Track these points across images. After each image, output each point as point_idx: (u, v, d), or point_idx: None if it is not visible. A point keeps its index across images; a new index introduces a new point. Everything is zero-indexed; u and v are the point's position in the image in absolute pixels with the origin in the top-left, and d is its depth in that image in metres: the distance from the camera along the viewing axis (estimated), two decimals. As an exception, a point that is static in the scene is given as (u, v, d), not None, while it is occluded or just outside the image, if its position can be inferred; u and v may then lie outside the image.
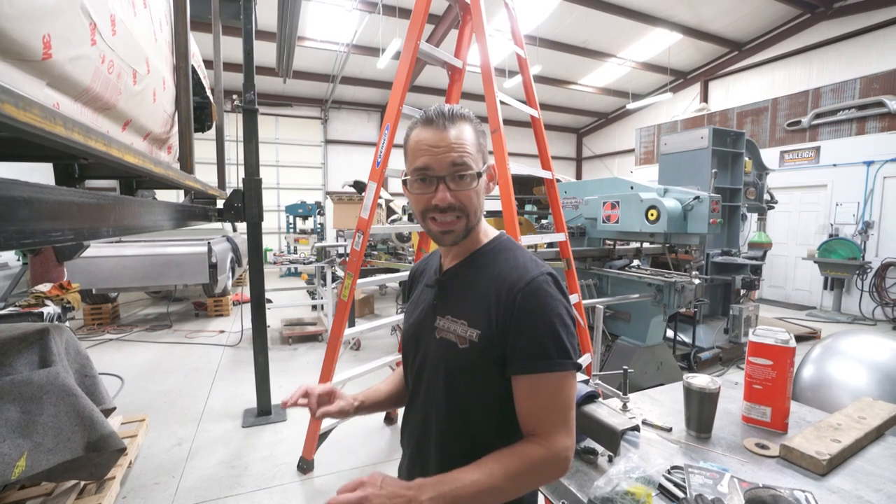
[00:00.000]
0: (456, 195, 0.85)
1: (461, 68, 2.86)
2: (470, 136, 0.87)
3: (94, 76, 1.13)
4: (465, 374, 0.87)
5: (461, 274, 0.94)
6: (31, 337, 2.07)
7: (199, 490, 2.66)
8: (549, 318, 0.81)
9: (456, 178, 0.85)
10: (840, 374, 2.04)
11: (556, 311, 0.82)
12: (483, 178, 0.89)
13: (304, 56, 10.28)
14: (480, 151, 0.89)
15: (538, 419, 0.81)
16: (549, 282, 0.84)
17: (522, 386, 0.82)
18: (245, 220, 3.34)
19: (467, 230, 0.90)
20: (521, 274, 0.85)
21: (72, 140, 0.80)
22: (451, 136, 0.85)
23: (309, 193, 13.05)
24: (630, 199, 3.85)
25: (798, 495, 0.97)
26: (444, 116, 0.86)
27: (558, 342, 0.80)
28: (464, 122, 0.88)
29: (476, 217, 0.90)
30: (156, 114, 1.72)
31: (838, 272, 7.14)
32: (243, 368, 4.56)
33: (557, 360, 0.80)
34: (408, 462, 1.02)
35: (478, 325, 0.85)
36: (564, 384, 0.81)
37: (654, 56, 11.49)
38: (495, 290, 0.85)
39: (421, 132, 0.87)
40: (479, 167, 0.88)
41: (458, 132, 0.86)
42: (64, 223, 0.93)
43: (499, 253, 0.92)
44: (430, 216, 0.88)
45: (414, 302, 1.05)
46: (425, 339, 0.94)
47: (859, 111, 7.28)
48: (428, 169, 0.85)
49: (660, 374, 3.87)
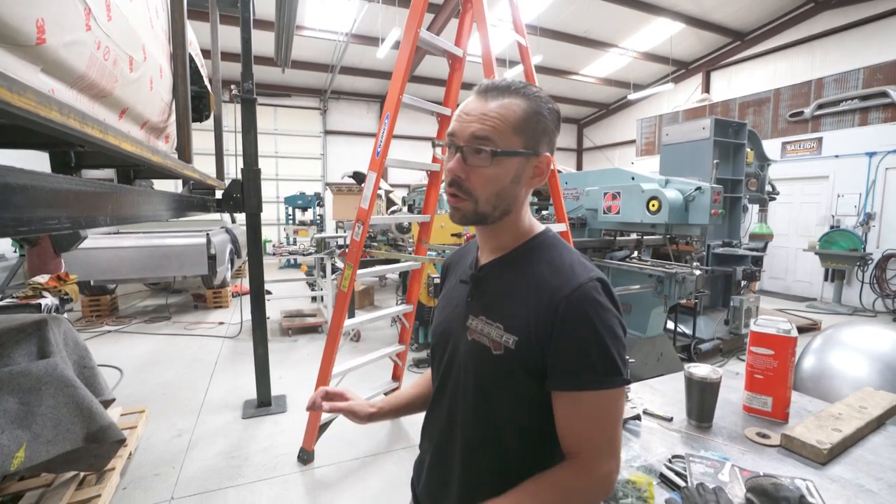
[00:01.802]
0: (468, 171, 0.77)
1: (462, 57, 2.83)
2: (513, 112, 0.75)
3: (90, 62, 1.11)
4: (499, 383, 0.79)
5: (499, 271, 0.84)
6: (29, 328, 2.06)
7: (199, 481, 2.67)
8: (596, 328, 0.71)
9: (473, 152, 0.76)
10: (841, 365, 2.04)
11: (605, 322, 0.72)
12: (514, 164, 0.77)
13: (302, 45, 10.18)
14: (523, 134, 0.76)
15: (581, 440, 0.74)
16: (598, 289, 0.74)
17: (564, 403, 0.74)
18: (244, 210, 3.33)
19: (478, 216, 0.79)
20: (567, 278, 0.75)
21: (68, 126, 0.79)
22: (488, 106, 0.76)
23: (308, 184, 13.00)
24: (631, 189, 3.83)
25: (799, 483, 0.97)
26: (495, 87, 0.77)
27: (606, 356, 0.71)
28: (515, 97, 0.76)
29: (491, 205, 0.78)
30: (153, 102, 1.70)
31: (839, 264, 7.14)
32: (243, 360, 4.57)
33: (605, 377, 0.71)
34: (427, 471, 0.94)
35: (515, 331, 0.76)
36: (612, 402, 0.73)
37: (656, 46, 11.39)
38: (536, 293, 0.76)
39: (468, 100, 0.80)
40: (509, 146, 0.76)
41: (500, 105, 0.75)
42: (60, 211, 0.91)
43: (543, 251, 0.82)
44: (448, 190, 0.80)
45: (447, 297, 0.95)
46: (455, 338, 0.86)
47: (862, 102, 7.23)
48: (453, 135, 0.78)
49: (660, 364, 3.88)
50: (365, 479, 2.70)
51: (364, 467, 2.83)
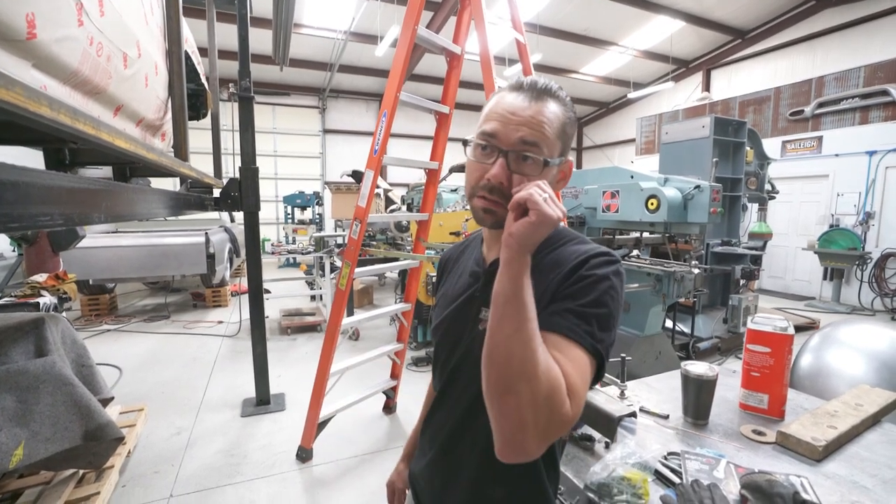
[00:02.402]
0: (511, 178, 0.72)
1: (460, 55, 2.82)
2: (556, 119, 0.74)
3: (83, 58, 1.10)
4: None
5: None
6: (26, 326, 2.06)
7: (198, 478, 2.67)
8: (597, 286, 0.71)
9: (520, 158, 0.72)
10: (838, 363, 2.04)
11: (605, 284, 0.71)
12: (553, 170, 0.76)
13: (301, 43, 10.17)
14: (561, 140, 0.76)
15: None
16: (611, 254, 0.75)
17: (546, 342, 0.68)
18: (242, 209, 3.32)
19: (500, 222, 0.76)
20: (587, 250, 0.75)
21: (58, 122, 0.79)
22: (533, 109, 0.72)
23: (307, 183, 12.99)
24: (630, 188, 3.83)
25: (794, 480, 0.97)
26: (536, 87, 0.74)
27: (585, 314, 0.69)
28: (556, 102, 0.75)
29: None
30: (148, 99, 1.69)
31: (838, 263, 7.13)
32: (242, 358, 4.57)
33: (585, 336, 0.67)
34: (425, 467, 0.92)
35: None
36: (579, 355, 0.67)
37: (656, 44, 11.37)
38: (553, 271, 0.74)
39: (505, 96, 0.75)
40: (552, 156, 0.74)
41: (544, 108, 0.73)
42: (53, 208, 0.91)
43: (560, 240, 0.81)
44: (481, 193, 0.75)
45: (448, 294, 0.92)
46: (467, 332, 0.83)
47: (863, 100, 7.22)
48: (494, 136, 0.73)
49: (658, 363, 3.88)
50: (363, 477, 2.70)
51: (362, 465, 2.83)
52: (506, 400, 0.60)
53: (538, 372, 0.59)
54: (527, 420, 0.59)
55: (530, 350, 0.59)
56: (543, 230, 0.60)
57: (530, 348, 0.59)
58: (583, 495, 1.00)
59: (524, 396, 0.58)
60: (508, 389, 0.59)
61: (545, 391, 0.59)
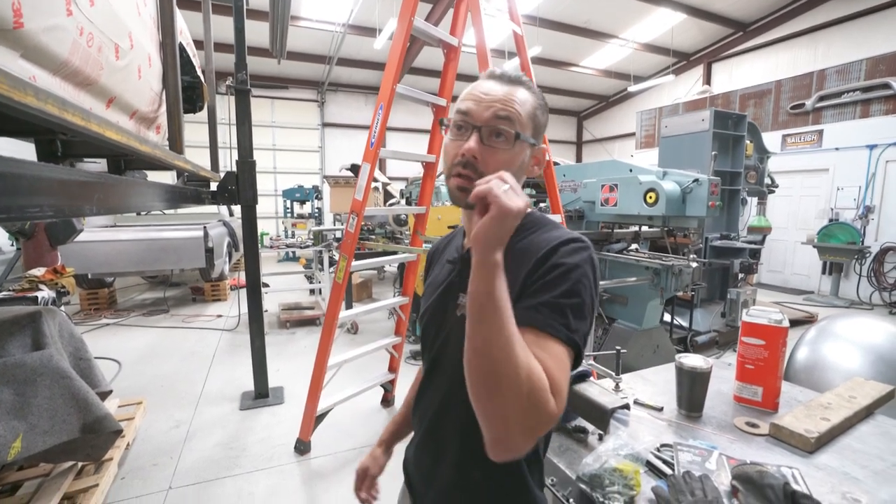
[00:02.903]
0: (484, 153, 0.75)
1: (457, 47, 2.80)
2: (526, 102, 0.79)
3: (73, 49, 1.09)
4: None
5: None
6: (22, 320, 2.06)
7: (197, 471, 2.68)
8: (569, 274, 0.71)
9: (493, 134, 0.76)
10: (834, 356, 2.04)
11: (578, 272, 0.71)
12: (525, 149, 0.79)
13: (298, 36, 10.10)
14: (533, 123, 0.80)
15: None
16: (583, 241, 0.76)
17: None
18: (239, 203, 3.32)
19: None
20: (558, 236, 0.77)
21: (45, 112, 0.78)
22: (505, 90, 0.77)
23: (306, 177, 12.96)
24: (629, 181, 3.81)
25: (785, 471, 0.97)
26: (507, 75, 0.80)
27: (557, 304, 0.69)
28: (526, 90, 0.80)
29: None
30: (142, 91, 1.68)
31: (837, 257, 7.13)
32: (241, 352, 4.58)
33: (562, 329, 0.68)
34: (415, 449, 0.96)
35: None
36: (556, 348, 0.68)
37: (657, 37, 11.29)
38: (525, 258, 0.76)
39: (480, 82, 0.81)
40: (525, 134, 0.78)
41: (515, 91, 0.78)
42: (42, 199, 0.91)
43: (534, 227, 0.83)
44: (456, 171, 0.77)
45: (432, 283, 0.96)
46: (446, 318, 0.86)
47: (864, 93, 7.18)
48: (468, 114, 0.77)
49: (656, 357, 3.89)
50: (361, 470, 2.72)
51: (360, 457, 2.81)
52: (490, 402, 0.60)
53: (520, 373, 0.59)
54: (512, 420, 0.60)
55: (510, 352, 0.59)
56: (508, 223, 0.59)
57: (510, 350, 0.59)
58: (575, 486, 1.00)
59: (508, 398, 0.59)
60: (492, 392, 0.60)
61: (528, 391, 0.59)
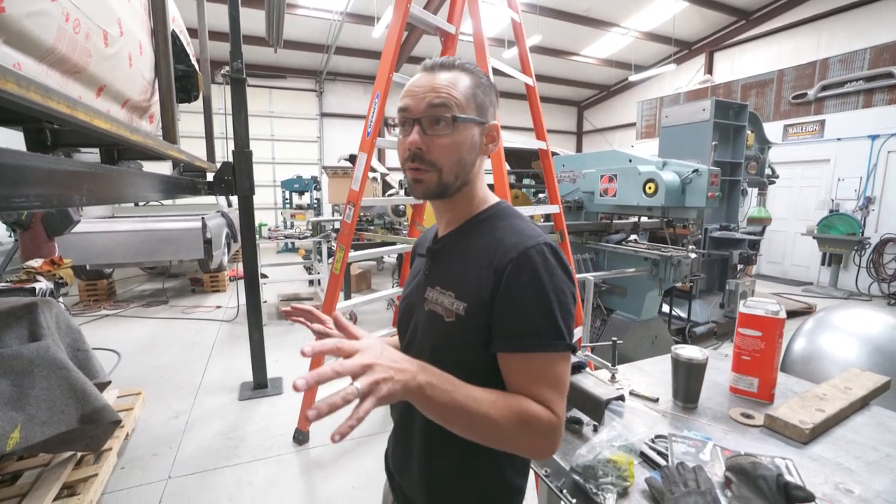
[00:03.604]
0: (428, 143, 0.77)
1: (454, 35, 2.76)
2: (462, 84, 0.79)
3: (59, 35, 1.07)
4: (450, 349, 0.80)
5: (453, 243, 0.87)
6: (19, 311, 2.06)
7: (196, 461, 2.70)
8: (542, 292, 0.72)
9: (433, 123, 0.77)
10: (831, 347, 2.04)
11: (550, 286, 0.72)
12: (471, 131, 0.80)
13: (296, 24, 9.99)
14: (474, 103, 0.80)
15: (533, 392, 0.72)
16: (545, 252, 0.74)
17: (507, 364, 0.75)
18: (236, 193, 3.30)
19: (441, 186, 0.80)
20: (516, 242, 0.76)
21: (27, 99, 0.76)
22: (438, 79, 0.78)
23: (305, 168, 12.90)
24: (628, 171, 3.79)
25: (778, 462, 0.97)
26: (437, 63, 0.80)
27: (551, 320, 0.72)
28: (460, 72, 0.80)
29: (453, 174, 0.80)
30: (133, 80, 1.66)
31: (837, 248, 7.12)
32: (240, 343, 4.59)
33: (547, 340, 0.71)
34: (393, 439, 0.98)
35: (465, 298, 0.78)
36: (557, 364, 0.73)
37: (659, 25, 11.17)
38: (487, 258, 0.77)
39: (413, 78, 0.82)
40: (464, 114, 0.78)
41: (448, 77, 0.78)
42: (29, 189, 0.89)
43: (496, 220, 0.84)
44: (408, 166, 0.80)
45: (412, 274, 0.98)
46: (417, 312, 0.88)
47: (867, 83, 7.11)
48: (406, 110, 0.79)
49: (654, 348, 3.89)
50: (359, 459, 2.73)
51: (358, 447, 2.86)
52: (498, 447, 0.71)
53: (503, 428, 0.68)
54: (519, 449, 0.72)
55: (490, 424, 0.67)
56: (395, 395, 0.61)
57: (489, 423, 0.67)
58: (568, 477, 1.00)
59: (503, 444, 0.70)
60: (494, 444, 0.70)
61: (517, 430, 0.69)
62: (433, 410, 0.66)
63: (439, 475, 0.85)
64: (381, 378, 0.59)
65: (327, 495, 2.43)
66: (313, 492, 2.46)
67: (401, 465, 0.93)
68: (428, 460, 0.85)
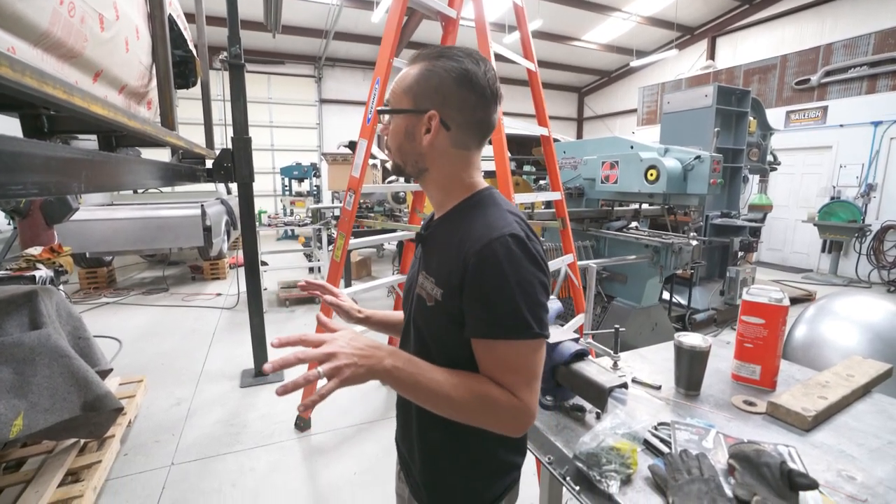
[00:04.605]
0: (386, 130, 0.89)
1: (455, 19, 2.71)
2: (404, 78, 0.86)
3: (53, 18, 1.04)
4: (431, 332, 0.86)
5: (440, 229, 0.90)
6: (19, 299, 2.05)
7: (198, 447, 2.72)
8: (505, 284, 0.74)
9: (379, 115, 0.91)
10: (832, 334, 2.05)
11: (515, 278, 0.75)
12: (402, 121, 0.86)
13: (294, 9, 9.82)
14: (411, 94, 0.84)
15: (498, 377, 0.77)
16: (509, 244, 0.76)
17: (478, 348, 0.79)
18: (235, 180, 3.27)
19: (395, 167, 0.91)
20: (482, 234, 0.78)
21: (22, 84, 0.74)
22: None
23: (304, 155, 12.80)
24: (629, 158, 3.76)
25: (781, 450, 0.97)
26: (411, 57, 0.88)
27: (515, 310, 0.74)
28: (416, 64, 0.86)
29: (399, 157, 0.89)
30: (130, 65, 1.63)
31: (837, 235, 7.12)
32: (240, 330, 4.60)
33: (513, 329, 0.75)
34: (398, 415, 1.03)
35: (442, 284, 0.82)
36: (522, 351, 0.77)
37: (661, 10, 11.00)
38: (458, 248, 0.80)
39: None
40: (398, 106, 0.86)
41: (399, 74, 0.88)
42: (25, 176, 0.88)
43: (473, 209, 0.85)
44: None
45: (414, 259, 1.03)
46: (412, 295, 0.94)
47: (871, 68, 7.04)
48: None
49: (655, 335, 3.91)
50: (361, 445, 2.76)
51: (360, 433, 2.88)
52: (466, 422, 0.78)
53: (465, 408, 0.75)
54: (488, 426, 0.78)
55: (448, 402, 0.75)
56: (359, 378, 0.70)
57: (448, 402, 0.75)
58: (572, 465, 1.00)
59: (471, 421, 0.77)
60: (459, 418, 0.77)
61: (478, 411, 0.76)
62: (402, 390, 0.75)
63: (432, 446, 0.91)
64: (343, 364, 0.68)
65: (329, 481, 2.45)
66: (315, 477, 2.48)
67: (402, 433, 1.01)
68: (422, 433, 0.92)
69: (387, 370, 0.72)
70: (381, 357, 0.72)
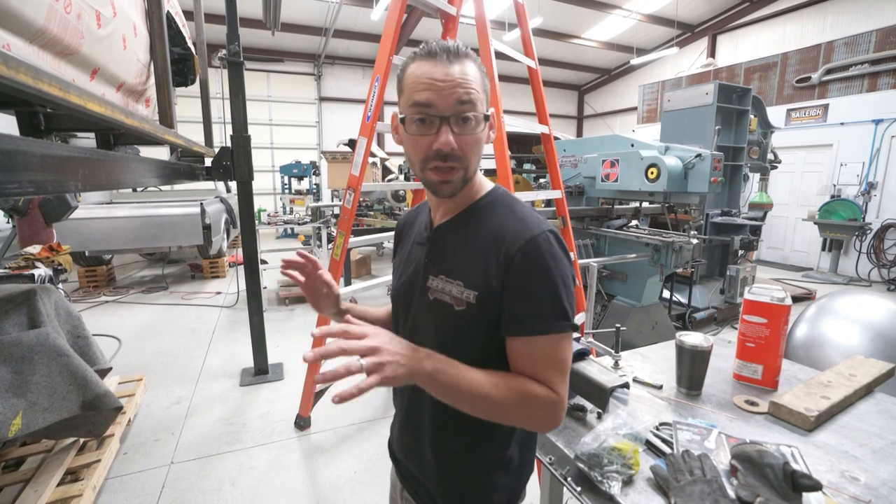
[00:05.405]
0: (458, 140, 0.75)
1: (455, 16, 2.70)
2: (476, 75, 0.77)
3: (49, 15, 1.03)
4: (460, 337, 0.82)
5: (455, 230, 0.86)
6: (17, 298, 2.04)
7: (198, 446, 2.72)
8: (550, 278, 0.75)
9: (460, 120, 0.75)
10: (833, 334, 2.04)
11: (558, 272, 0.76)
12: (486, 124, 0.80)
13: (294, 7, 9.80)
14: (485, 94, 0.79)
15: (537, 374, 0.76)
16: (550, 240, 0.77)
17: (517, 346, 0.78)
18: (235, 178, 3.26)
19: (464, 181, 0.81)
20: (522, 230, 0.77)
21: (16, 81, 0.73)
22: (455, 71, 0.74)
23: (304, 153, 12.79)
24: (630, 156, 3.75)
25: (784, 450, 0.97)
26: (448, 50, 0.75)
27: (557, 304, 0.75)
28: (469, 60, 0.77)
29: (474, 168, 0.81)
30: (128, 62, 1.61)
31: (838, 233, 7.11)
32: (240, 329, 4.60)
33: (555, 322, 0.75)
34: (398, 427, 0.99)
35: (475, 286, 0.79)
36: (561, 345, 0.77)
37: (662, 7, 10.97)
38: (494, 247, 0.78)
39: (421, 65, 0.76)
40: (486, 110, 0.79)
41: (463, 68, 0.75)
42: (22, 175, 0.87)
43: (496, 207, 0.84)
44: (433, 165, 0.77)
45: (404, 260, 0.97)
46: (416, 300, 0.88)
47: (872, 66, 7.01)
48: (430, 106, 0.74)
49: (655, 333, 3.91)
50: (360, 444, 2.76)
51: (359, 432, 2.88)
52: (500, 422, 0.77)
53: (504, 407, 0.73)
54: (522, 423, 0.78)
55: (488, 402, 0.72)
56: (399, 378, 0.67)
57: (488, 402, 0.72)
58: (573, 465, 1.00)
59: (507, 420, 0.77)
60: (497, 419, 0.76)
61: (517, 409, 0.74)
62: (441, 393, 0.72)
63: (451, 455, 0.88)
64: (387, 360, 0.65)
65: (329, 480, 2.45)
66: (315, 476, 2.48)
67: (409, 450, 0.96)
68: (439, 444, 0.88)
69: (428, 372, 0.70)
70: (421, 359, 0.70)
